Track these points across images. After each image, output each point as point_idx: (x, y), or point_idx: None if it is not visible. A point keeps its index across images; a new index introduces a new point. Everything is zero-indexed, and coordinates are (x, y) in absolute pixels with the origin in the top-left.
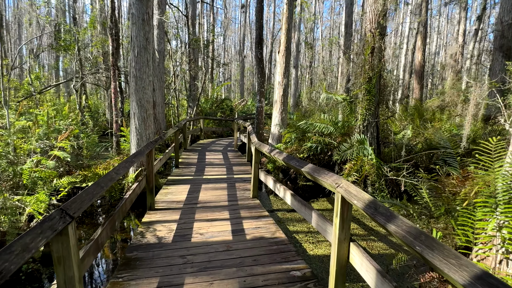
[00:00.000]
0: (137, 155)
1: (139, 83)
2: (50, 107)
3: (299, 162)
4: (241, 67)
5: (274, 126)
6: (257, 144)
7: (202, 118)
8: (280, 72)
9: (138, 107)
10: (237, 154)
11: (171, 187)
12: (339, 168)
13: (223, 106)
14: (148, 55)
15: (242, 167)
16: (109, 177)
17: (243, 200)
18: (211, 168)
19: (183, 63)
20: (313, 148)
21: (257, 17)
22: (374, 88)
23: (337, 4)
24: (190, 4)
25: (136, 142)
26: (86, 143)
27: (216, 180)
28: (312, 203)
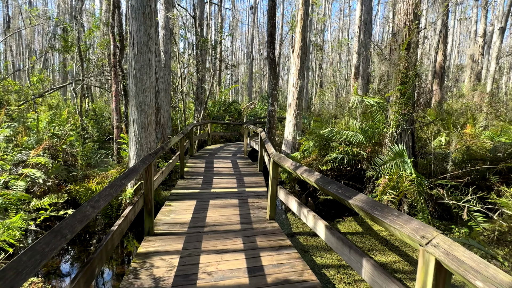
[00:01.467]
0: (130, 174)
1: (139, 84)
2: (46, 112)
3: (343, 189)
4: (250, 69)
5: (288, 131)
6: (276, 156)
7: (209, 122)
8: (295, 73)
9: (137, 112)
10: (248, 162)
11: (174, 203)
12: (370, 182)
13: (231, 109)
14: (149, 53)
15: (254, 178)
16: (80, 216)
17: (258, 223)
18: (220, 179)
19: (190, 65)
20: (338, 160)
21: (270, 14)
22: (410, 90)
23: (347, 5)
24: (198, 5)
25: (136, 151)
26: (81, 152)
27: (225, 194)
28: (338, 223)
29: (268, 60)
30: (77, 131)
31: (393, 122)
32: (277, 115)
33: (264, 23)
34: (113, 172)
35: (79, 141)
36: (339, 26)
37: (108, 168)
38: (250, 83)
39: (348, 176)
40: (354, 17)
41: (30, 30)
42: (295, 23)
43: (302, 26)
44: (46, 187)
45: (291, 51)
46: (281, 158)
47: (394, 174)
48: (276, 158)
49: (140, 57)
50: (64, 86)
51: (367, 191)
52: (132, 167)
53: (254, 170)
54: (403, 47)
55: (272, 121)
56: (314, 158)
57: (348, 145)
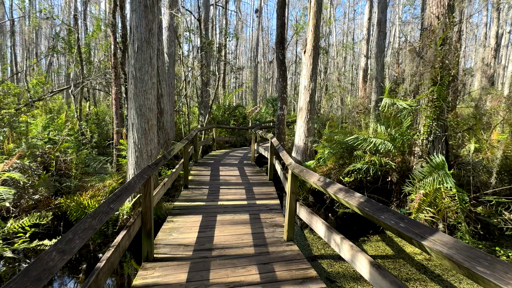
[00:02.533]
0: (121, 195)
1: (139, 85)
2: (42, 116)
3: (408, 222)
4: (255, 73)
5: (299, 137)
6: (296, 168)
7: (214, 127)
8: (306, 75)
9: (137, 117)
10: (256, 170)
11: (177, 218)
12: (397, 197)
13: (236, 113)
14: (151, 50)
15: (264, 188)
16: (36, 273)
17: (275, 245)
18: (227, 190)
19: (195, 69)
20: (363, 171)
21: (279, 14)
22: (445, 91)
23: (351, 9)
24: (203, 7)
25: (135, 160)
26: (76, 160)
27: (234, 208)
28: (363, 244)
29: (277, 61)
30: (75, 136)
31: (425, 128)
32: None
33: (269, 27)
34: (110, 182)
35: (73, 148)
36: (343, 30)
37: (105, 177)
38: (255, 86)
39: (371, 188)
40: (358, 22)
41: (28, 31)
42: (306, 22)
43: (315, 25)
44: (32, 201)
45: (302, 52)
46: (304, 171)
47: (430, 189)
48: (296, 170)
49: (140, 55)
50: (63, 90)
51: (393, 206)
52: (126, 184)
53: (264, 179)
54: (439, 42)
55: (281, 126)
56: (331, 168)
57: (374, 154)
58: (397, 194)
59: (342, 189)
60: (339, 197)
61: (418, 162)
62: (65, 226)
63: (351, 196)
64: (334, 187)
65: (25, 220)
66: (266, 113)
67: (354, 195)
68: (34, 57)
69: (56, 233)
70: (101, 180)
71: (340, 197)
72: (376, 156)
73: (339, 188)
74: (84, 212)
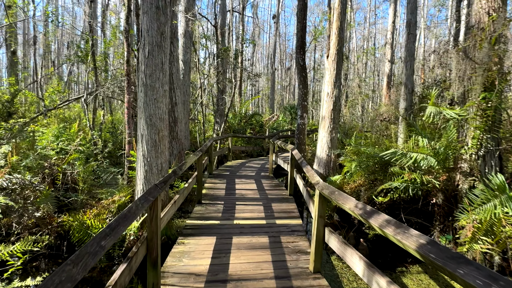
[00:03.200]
0: (117, 226)
1: (149, 93)
2: (54, 125)
3: None
4: (272, 80)
5: (321, 148)
6: (326, 189)
7: (230, 136)
8: (330, 81)
9: (147, 127)
10: (274, 183)
11: (189, 240)
12: (440, 221)
13: (252, 122)
14: (162, 55)
15: (284, 205)
16: None
17: (299, 278)
18: (244, 206)
19: (211, 76)
20: (400, 190)
21: (299, 17)
22: (498, 99)
23: (372, 14)
24: (220, 14)
25: (144, 174)
26: (83, 173)
27: (252, 229)
28: (402, 276)
29: (297, 67)
30: (87, 146)
31: (474, 140)
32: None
33: (286, 33)
34: (119, 198)
35: (81, 160)
36: (363, 35)
37: (114, 191)
38: (272, 94)
39: (408, 209)
40: (379, 26)
41: (43, 39)
42: (327, 26)
43: (339, 27)
44: (34, 219)
45: (325, 56)
46: (336, 194)
47: (487, 215)
48: (326, 191)
49: (151, 61)
50: (77, 99)
51: (436, 232)
52: (126, 211)
53: (283, 194)
54: (493, 41)
55: (302, 136)
56: (360, 184)
57: (413, 171)
58: (441, 217)
59: (390, 222)
60: (388, 233)
61: (465, 181)
62: (68, 246)
63: (406, 234)
64: (379, 219)
65: (17, 246)
66: (284, 121)
67: (409, 233)
68: (52, 66)
69: (58, 255)
70: (111, 194)
71: (389, 234)
72: (416, 174)
73: (386, 220)
74: (87, 233)
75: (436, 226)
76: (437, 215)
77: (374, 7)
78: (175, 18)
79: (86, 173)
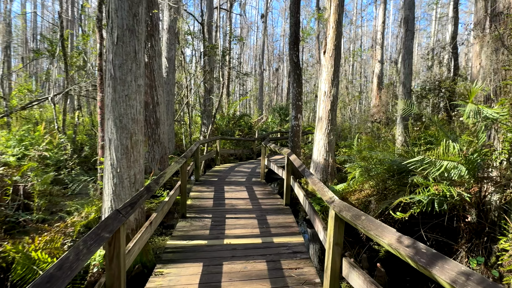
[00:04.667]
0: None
1: (119, 88)
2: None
3: None
4: (260, 80)
5: (318, 151)
6: (347, 211)
7: (218, 139)
8: (327, 79)
9: (116, 130)
10: (267, 190)
11: (169, 269)
12: (467, 239)
13: (241, 123)
14: (136, 42)
15: (281, 217)
16: None
17: None
18: (235, 220)
19: (197, 75)
20: (423, 204)
21: (293, 10)
22: None
23: (358, 16)
24: (207, 10)
25: (113, 189)
26: (39, 186)
27: (246, 251)
28: None
29: (291, 64)
30: (54, 152)
31: (506, 144)
32: (277, 130)
33: (274, 35)
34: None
35: (37, 170)
36: (350, 37)
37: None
38: (261, 95)
39: (428, 225)
40: (365, 29)
41: (3, 28)
42: (326, 18)
43: (337, 21)
44: None
45: (322, 52)
46: (363, 220)
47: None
48: (347, 215)
49: (121, 48)
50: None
51: (463, 252)
52: (56, 266)
53: (278, 203)
54: None
55: (296, 139)
56: (368, 194)
57: (438, 181)
58: (468, 235)
59: (472, 276)
60: None
61: (494, 192)
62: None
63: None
64: (449, 269)
65: None
66: (273, 122)
67: None
68: (21, 62)
69: None
70: (77, 208)
71: None
72: (443, 185)
73: (464, 273)
74: (32, 270)
75: (462, 245)
76: (462, 232)
77: (361, 10)
78: (156, 7)
79: (44, 185)
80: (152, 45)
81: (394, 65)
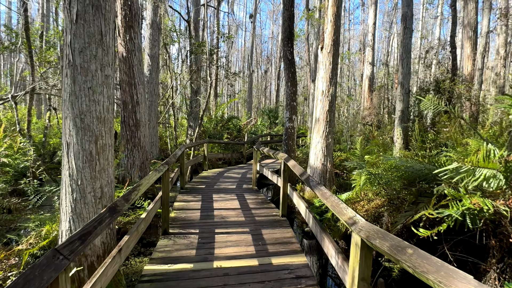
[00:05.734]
0: None
1: (80, 79)
2: None
3: None
4: (249, 82)
5: (315, 156)
6: (378, 237)
7: (206, 142)
8: (325, 77)
9: (77, 131)
10: (260, 198)
11: None
12: (498, 259)
13: (229, 126)
14: (102, 21)
15: (278, 231)
16: None
17: None
18: (226, 236)
19: (183, 75)
20: (452, 220)
21: (286, 4)
22: None
23: (346, 20)
24: (193, 7)
25: (72, 206)
26: None
27: (240, 276)
28: None
29: (285, 61)
30: (14, 157)
31: None
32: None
33: (262, 36)
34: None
35: None
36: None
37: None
38: (250, 97)
39: (451, 242)
40: (352, 33)
41: None
42: (324, 11)
43: (335, 14)
44: None
45: (319, 48)
46: (411, 255)
47: None
48: (383, 244)
49: (83, 28)
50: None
51: (494, 273)
52: None
53: (274, 213)
54: None
55: (291, 142)
56: (379, 205)
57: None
58: (499, 253)
59: None
60: None
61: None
62: None
63: None
64: None
65: None
66: (262, 125)
67: None
68: None
69: None
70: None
71: None
72: (477, 196)
73: None
74: None
75: (493, 265)
76: (493, 250)
77: (348, 14)
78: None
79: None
80: (131, 37)
81: (385, 67)
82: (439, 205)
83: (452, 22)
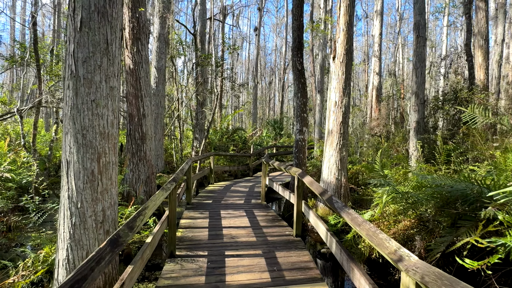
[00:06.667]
0: None
1: (83, 91)
2: None
3: None
4: (254, 93)
5: (329, 170)
6: (444, 284)
7: (212, 155)
8: (338, 87)
9: (77, 149)
10: (270, 215)
11: None
12: None
13: (235, 137)
14: (108, 29)
15: (293, 255)
16: None
17: None
18: (238, 260)
19: (189, 87)
20: (504, 251)
21: (295, 14)
22: None
23: None
24: (199, 21)
25: (71, 232)
26: None
27: None
28: None
29: (294, 72)
30: (17, 172)
31: None
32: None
33: (265, 48)
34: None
35: None
36: None
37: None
38: (255, 108)
39: (497, 274)
40: (355, 45)
41: None
42: (336, 20)
43: (347, 23)
44: None
45: (331, 57)
46: None
47: None
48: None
49: (87, 36)
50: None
51: None
52: None
53: (287, 232)
54: None
55: (302, 155)
56: (407, 226)
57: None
58: None
59: None
60: None
61: None
62: None
63: None
64: None
65: None
66: (268, 136)
67: None
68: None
69: None
70: (36, 245)
71: None
72: None
73: None
74: None
75: None
76: None
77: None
78: (143, 5)
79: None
80: (139, 49)
81: (393, 77)
82: (485, 230)
83: (467, 30)
